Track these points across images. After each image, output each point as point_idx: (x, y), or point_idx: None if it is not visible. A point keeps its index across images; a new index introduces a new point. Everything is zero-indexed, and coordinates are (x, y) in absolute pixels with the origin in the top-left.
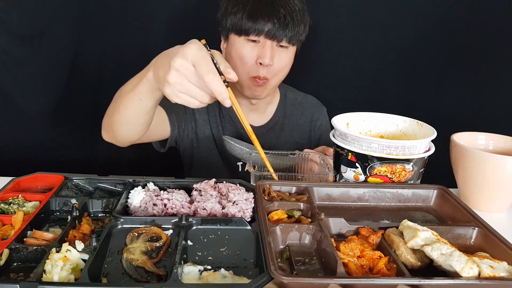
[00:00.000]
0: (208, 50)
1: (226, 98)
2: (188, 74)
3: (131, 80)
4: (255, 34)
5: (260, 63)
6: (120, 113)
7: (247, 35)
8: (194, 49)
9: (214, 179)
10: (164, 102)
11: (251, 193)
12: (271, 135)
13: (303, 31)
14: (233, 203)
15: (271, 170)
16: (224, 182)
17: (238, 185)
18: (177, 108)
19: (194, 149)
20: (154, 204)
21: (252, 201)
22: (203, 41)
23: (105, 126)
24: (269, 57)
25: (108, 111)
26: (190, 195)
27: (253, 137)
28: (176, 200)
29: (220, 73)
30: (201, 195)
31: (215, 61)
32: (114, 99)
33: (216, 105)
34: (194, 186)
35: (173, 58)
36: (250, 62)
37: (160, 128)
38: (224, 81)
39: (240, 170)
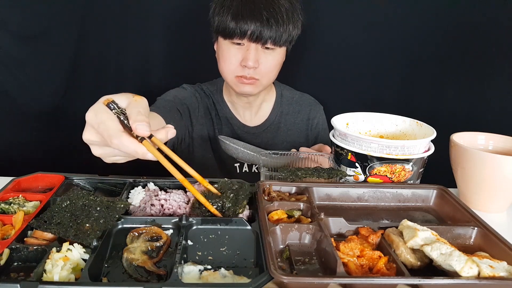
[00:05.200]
0: (113, 109)
1: (145, 153)
2: (102, 143)
3: None
4: (238, 37)
5: (245, 65)
6: None
7: (231, 38)
8: (90, 117)
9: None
10: (162, 110)
11: None
12: (267, 134)
13: (292, 30)
14: None
15: (211, 208)
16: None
17: None
18: (174, 115)
19: (190, 153)
20: (152, 205)
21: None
22: (107, 100)
23: None
24: (253, 60)
25: None
26: None
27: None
28: (174, 201)
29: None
30: None
31: (122, 118)
32: None
33: (213, 107)
34: None
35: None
36: (235, 64)
37: None
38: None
39: (238, 171)
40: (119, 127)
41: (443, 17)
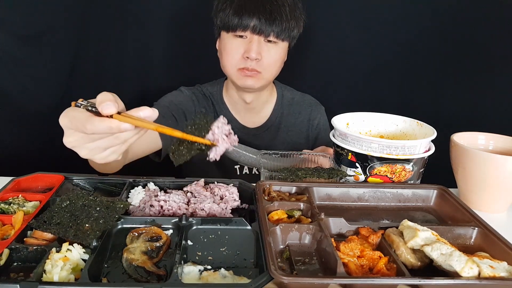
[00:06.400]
0: (80, 106)
1: (119, 125)
2: (82, 140)
3: None
4: (241, 29)
5: (247, 57)
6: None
7: (234, 31)
8: (62, 120)
9: (203, 179)
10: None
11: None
12: (268, 136)
13: (295, 27)
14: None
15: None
16: (215, 182)
17: (232, 185)
18: (169, 121)
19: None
20: (151, 205)
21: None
22: (74, 102)
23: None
24: (256, 52)
25: None
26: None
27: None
28: (173, 201)
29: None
30: (195, 197)
31: (90, 109)
32: None
33: (211, 109)
34: (185, 189)
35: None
36: (237, 56)
37: (152, 145)
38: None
39: (238, 173)
40: (89, 114)
41: (443, 17)
